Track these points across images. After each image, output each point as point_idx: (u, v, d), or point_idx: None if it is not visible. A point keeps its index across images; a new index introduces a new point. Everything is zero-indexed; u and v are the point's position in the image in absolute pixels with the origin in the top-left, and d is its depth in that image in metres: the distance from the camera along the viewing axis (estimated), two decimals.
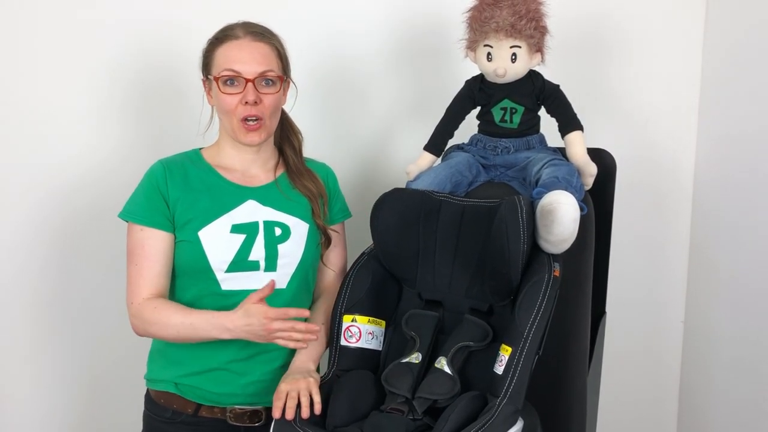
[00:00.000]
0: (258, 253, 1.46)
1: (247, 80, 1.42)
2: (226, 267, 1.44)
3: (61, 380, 2.07)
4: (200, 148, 1.56)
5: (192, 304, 1.44)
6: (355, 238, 1.68)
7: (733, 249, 1.92)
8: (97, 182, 1.99)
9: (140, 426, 1.55)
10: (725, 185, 1.96)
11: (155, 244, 1.43)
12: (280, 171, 1.56)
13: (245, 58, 1.43)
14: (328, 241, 1.56)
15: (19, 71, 1.94)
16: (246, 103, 1.42)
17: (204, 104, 1.53)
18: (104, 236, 2.00)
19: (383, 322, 1.48)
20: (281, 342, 1.33)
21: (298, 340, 1.33)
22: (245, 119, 1.44)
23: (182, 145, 1.59)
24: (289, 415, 1.30)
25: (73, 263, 2.03)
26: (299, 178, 1.55)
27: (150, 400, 1.51)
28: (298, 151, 1.58)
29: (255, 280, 1.45)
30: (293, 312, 1.33)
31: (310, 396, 1.33)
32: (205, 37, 1.50)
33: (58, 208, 2.00)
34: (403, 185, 1.55)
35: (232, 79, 1.43)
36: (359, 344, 1.45)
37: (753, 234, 1.83)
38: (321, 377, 1.41)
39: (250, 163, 1.53)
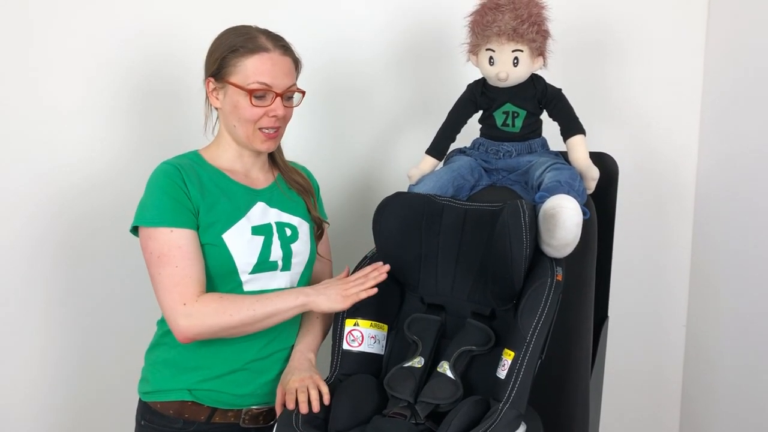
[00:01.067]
0: (276, 253, 1.48)
1: (277, 94, 1.43)
2: (250, 269, 1.45)
3: (57, 385, 2.07)
4: (197, 150, 1.54)
5: None
6: (356, 241, 1.68)
7: (734, 253, 1.92)
8: (101, 186, 2.00)
9: None
10: (727, 189, 1.96)
11: (190, 242, 1.40)
12: (276, 172, 1.58)
13: (277, 73, 1.43)
14: (321, 234, 1.59)
15: (23, 76, 1.95)
16: (272, 116, 1.44)
17: (205, 105, 1.52)
18: (105, 240, 2.00)
19: (385, 326, 1.47)
20: (357, 296, 1.39)
21: (371, 286, 1.40)
22: (263, 128, 1.45)
23: (187, 148, 1.59)
24: (304, 409, 1.31)
25: (75, 267, 2.03)
26: (288, 174, 1.57)
27: (153, 412, 1.47)
28: (279, 148, 1.60)
29: (273, 280, 1.47)
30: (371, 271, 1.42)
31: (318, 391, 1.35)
32: (208, 41, 1.49)
33: (60, 212, 2.00)
34: (405, 189, 1.55)
35: (264, 93, 1.43)
36: (361, 348, 1.44)
37: (754, 238, 1.83)
38: (323, 381, 1.41)
39: (251, 165, 1.53)
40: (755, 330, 1.83)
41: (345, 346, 1.44)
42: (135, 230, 1.44)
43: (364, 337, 1.45)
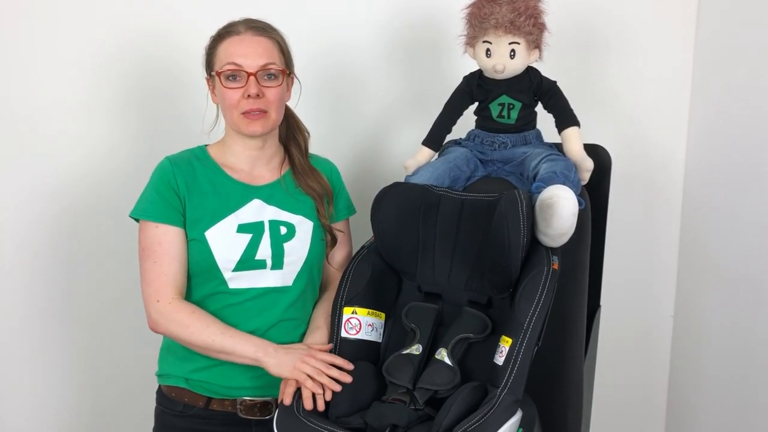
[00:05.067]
0: (264, 251, 1.48)
1: (249, 74, 1.43)
2: (233, 266, 1.46)
3: (70, 378, 2.10)
4: (206, 145, 1.56)
5: (200, 303, 1.46)
6: (355, 232, 1.69)
7: (722, 243, 1.95)
8: (93, 178, 1.99)
9: (151, 421, 1.57)
10: (715, 180, 1.99)
11: (172, 240, 1.44)
12: (285, 169, 1.57)
13: (246, 52, 1.44)
14: (333, 241, 1.57)
15: (15, 68, 1.94)
16: (248, 96, 1.43)
17: (208, 103, 1.54)
18: (104, 232, 2.01)
19: (383, 315, 1.49)
20: (304, 382, 1.34)
21: (321, 385, 1.34)
22: (247, 112, 1.45)
23: (180, 140, 1.60)
24: (320, 404, 1.33)
25: (75, 260, 2.04)
26: (304, 178, 1.56)
27: (162, 394, 1.53)
28: (303, 150, 1.59)
29: (262, 278, 1.48)
30: (339, 361, 1.38)
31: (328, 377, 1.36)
32: (203, 31, 1.50)
33: (57, 204, 2.00)
34: (401, 180, 1.56)
35: (234, 74, 1.44)
36: (359, 336, 1.46)
37: (742, 228, 1.85)
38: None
39: (255, 160, 1.53)
40: (742, 320, 1.86)
41: (343, 334, 1.46)
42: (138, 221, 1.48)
43: (361, 324, 1.46)
